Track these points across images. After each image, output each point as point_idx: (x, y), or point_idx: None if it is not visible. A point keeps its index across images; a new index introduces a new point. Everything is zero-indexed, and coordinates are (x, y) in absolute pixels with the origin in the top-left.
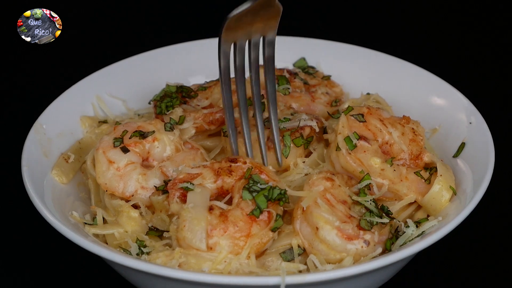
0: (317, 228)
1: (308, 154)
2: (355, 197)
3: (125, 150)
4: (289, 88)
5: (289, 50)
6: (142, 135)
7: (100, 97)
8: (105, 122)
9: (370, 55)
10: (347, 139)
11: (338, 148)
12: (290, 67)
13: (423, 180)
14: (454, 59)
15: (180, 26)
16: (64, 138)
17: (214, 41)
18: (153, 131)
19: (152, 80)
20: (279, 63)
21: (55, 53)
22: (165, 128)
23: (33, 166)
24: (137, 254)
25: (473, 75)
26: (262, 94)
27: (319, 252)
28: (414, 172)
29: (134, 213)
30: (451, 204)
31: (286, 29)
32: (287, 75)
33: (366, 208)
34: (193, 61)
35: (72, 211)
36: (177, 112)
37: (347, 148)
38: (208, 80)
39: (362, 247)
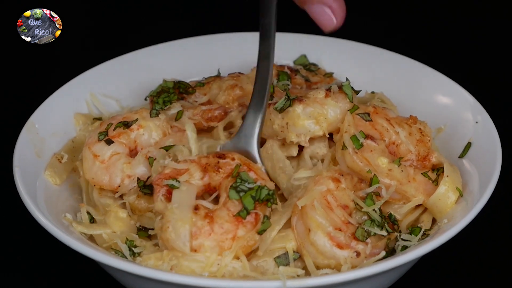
0: (309, 230)
1: None
2: (360, 203)
3: (109, 142)
4: (288, 84)
5: (289, 48)
6: (126, 124)
7: (94, 95)
8: (99, 119)
9: (373, 53)
10: (354, 138)
11: (344, 147)
12: (291, 65)
13: (431, 181)
14: (460, 57)
15: (177, 22)
16: (57, 138)
17: (213, 38)
18: (137, 119)
19: (147, 77)
20: (278, 61)
21: (47, 50)
22: (150, 115)
23: (25, 167)
24: (130, 256)
25: (479, 73)
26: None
27: (308, 253)
28: (422, 173)
29: (122, 214)
30: (457, 206)
31: (286, 26)
32: (288, 72)
33: (368, 215)
34: (190, 58)
35: (65, 213)
36: (175, 107)
37: (354, 147)
38: (206, 76)
39: (351, 257)
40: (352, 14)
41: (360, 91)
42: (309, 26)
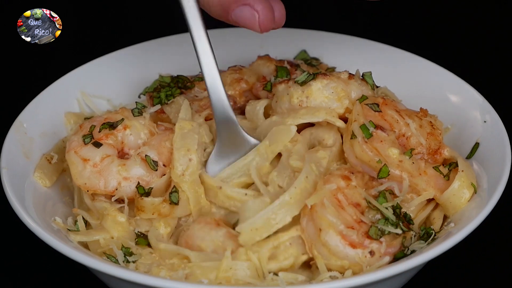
0: (320, 230)
1: None
2: (372, 200)
3: (97, 144)
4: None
5: (289, 43)
6: (111, 125)
7: (85, 92)
8: (92, 117)
9: (376, 49)
10: (363, 127)
11: (353, 136)
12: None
13: (442, 176)
14: (468, 53)
15: (170, 18)
16: (46, 138)
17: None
18: (122, 119)
19: (140, 74)
20: (278, 57)
21: (37, 47)
22: (133, 114)
23: (13, 168)
24: (123, 262)
25: (488, 70)
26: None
27: (320, 255)
28: (433, 167)
29: (121, 218)
30: (471, 203)
31: (286, 20)
32: (288, 67)
33: (382, 214)
34: (184, 54)
35: (55, 217)
36: (179, 101)
37: (363, 136)
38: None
39: (366, 256)
40: (356, 8)
41: (378, 86)
42: (309, 21)
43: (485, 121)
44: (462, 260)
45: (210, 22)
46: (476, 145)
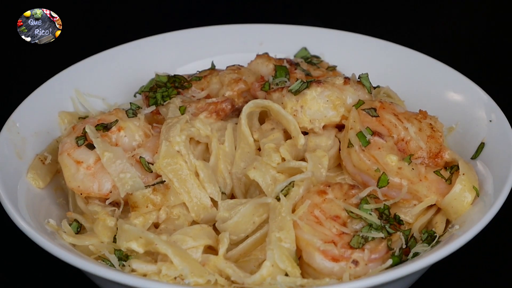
0: (301, 251)
1: None
2: (352, 209)
3: (91, 146)
4: (285, 82)
5: (290, 40)
6: (105, 127)
7: (80, 91)
8: (86, 118)
9: (379, 46)
10: (360, 135)
11: (350, 145)
12: (291, 58)
13: (444, 180)
14: (473, 51)
15: (166, 15)
16: (39, 137)
17: (204, 30)
18: (116, 120)
19: (136, 72)
20: (278, 54)
21: (29, 45)
22: (127, 115)
23: (6, 169)
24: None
25: (494, 68)
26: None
27: (309, 276)
28: (434, 171)
29: (111, 222)
30: (473, 207)
31: (286, 17)
32: (287, 66)
33: (365, 220)
34: (180, 52)
35: (49, 219)
36: (176, 102)
37: (360, 144)
38: (200, 70)
39: (350, 267)
40: (358, 5)
41: (377, 86)
42: (310, 17)
43: (490, 121)
44: (466, 263)
45: (209, 19)
46: (482, 145)
